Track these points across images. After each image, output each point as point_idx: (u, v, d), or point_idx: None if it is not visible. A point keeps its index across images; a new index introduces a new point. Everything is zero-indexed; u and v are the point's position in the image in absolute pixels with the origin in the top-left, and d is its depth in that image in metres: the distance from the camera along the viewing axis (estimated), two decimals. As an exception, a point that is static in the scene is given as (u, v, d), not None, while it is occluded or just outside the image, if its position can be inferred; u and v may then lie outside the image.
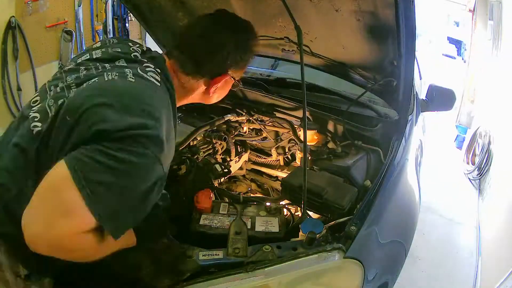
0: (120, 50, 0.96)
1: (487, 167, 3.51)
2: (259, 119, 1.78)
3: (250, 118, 1.76)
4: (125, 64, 0.91)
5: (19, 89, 2.88)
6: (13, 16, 2.76)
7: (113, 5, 3.72)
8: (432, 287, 2.34)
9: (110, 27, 3.69)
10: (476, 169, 3.71)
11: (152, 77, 0.87)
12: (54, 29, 3.15)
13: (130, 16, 3.82)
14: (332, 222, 1.08)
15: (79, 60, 0.96)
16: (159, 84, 0.87)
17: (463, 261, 2.62)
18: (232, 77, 1.03)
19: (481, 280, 2.34)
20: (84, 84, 0.85)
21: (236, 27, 1.01)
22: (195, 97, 1.06)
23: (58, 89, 0.89)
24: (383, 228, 1.10)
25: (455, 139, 4.79)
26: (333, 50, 1.58)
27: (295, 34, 1.12)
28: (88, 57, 0.96)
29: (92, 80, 0.85)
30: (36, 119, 0.83)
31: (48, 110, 0.83)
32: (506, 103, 3.41)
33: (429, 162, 2.71)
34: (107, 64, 0.91)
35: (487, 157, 3.53)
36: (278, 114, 1.72)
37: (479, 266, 2.51)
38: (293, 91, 1.83)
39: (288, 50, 1.76)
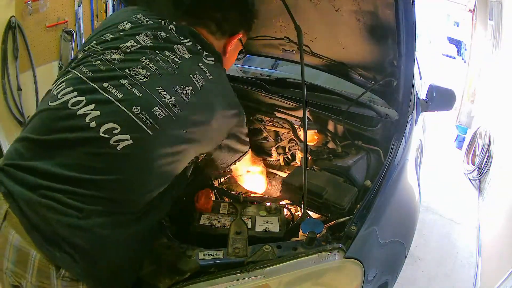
0: (164, 34, 0.98)
1: (487, 167, 3.51)
2: (259, 119, 1.78)
3: (250, 118, 1.76)
4: (190, 56, 0.97)
5: (19, 89, 2.87)
6: (13, 16, 2.76)
7: (113, 5, 3.71)
8: (432, 287, 2.34)
9: (110, 27, 3.69)
10: (476, 169, 3.71)
11: (211, 60, 1.00)
12: (54, 29, 3.14)
13: (130, 16, 3.82)
14: (332, 222, 1.08)
15: (126, 48, 0.92)
16: (219, 64, 1.04)
17: (463, 261, 2.62)
18: (241, 40, 1.17)
19: (481, 280, 2.35)
20: (179, 88, 0.89)
21: None
22: None
23: (128, 89, 0.85)
24: (383, 228, 1.10)
25: (455, 139, 4.80)
26: (333, 50, 1.58)
27: (295, 34, 1.12)
28: (139, 45, 0.93)
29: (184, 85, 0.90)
30: (116, 131, 0.81)
31: (135, 118, 0.82)
32: (506, 103, 3.41)
33: (429, 162, 2.71)
34: (175, 58, 0.93)
35: (487, 157, 3.53)
36: (278, 114, 1.71)
37: (479, 266, 2.51)
38: (293, 91, 1.83)
39: (288, 50, 1.75)
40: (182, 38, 0.99)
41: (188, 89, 0.90)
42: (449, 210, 3.23)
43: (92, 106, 0.83)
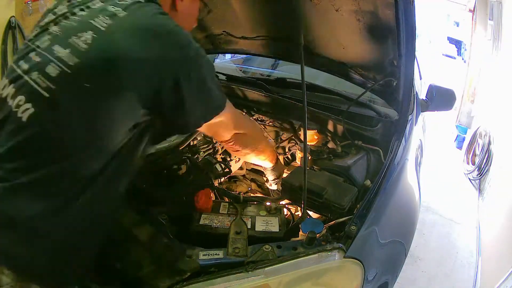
0: None
1: (487, 167, 3.51)
2: (259, 119, 1.78)
3: (250, 118, 1.76)
4: (101, 4, 0.84)
5: (19, 89, 2.88)
6: (13, 16, 2.76)
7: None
8: (432, 287, 2.34)
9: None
10: (476, 169, 3.71)
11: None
12: (54, 29, 3.15)
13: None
14: (332, 222, 1.08)
15: (43, 23, 0.88)
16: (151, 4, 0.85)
17: (463, 261, 2.62)
18: None
19: (481, 280, 2.35)
20: (79, 38, 0.77)
21: None
22: None
23: (33, 59, 0.80)
24: (383, 228, 1.10)
25: (455, 139, 4.80)
26: (333, 50, 1.58)
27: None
28: (53, 16, 0.87)
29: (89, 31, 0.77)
30: (21, 102, 0.77)
31: (33, 83, 0.76)
32: (506, 103, 3.42)
33: (429, 162, 2.71)
34: (83, 12, 0.83)
35: (487, 157, 3.54)
36: (278, 114, 1.72)
37: (479, 266, 2.51)
38: (293, 91, 1.83)
39: (289, 50, 1.75)
40: None
41: (86, 35, 0.76)
42: (449, 210, 3.23)
43: (11, 85, 0.81)
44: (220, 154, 1.67)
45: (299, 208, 1.34)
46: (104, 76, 0.76)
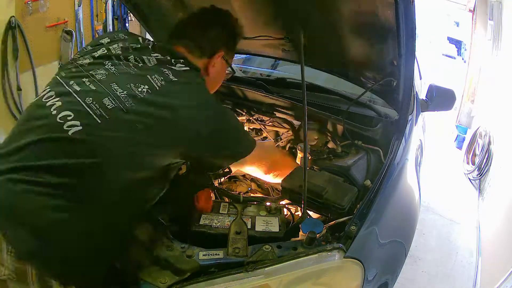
0: (136, 45, 1.03)
1: (487, 167, 3.52)
2: (259, 119, 1.78)
3: (250, 118, 1.76)
4: (156, 63, 0.99)
5: (19, 89, 2.88)
6: (13, 16, 2.76)
7: (113, 5, 3.72)
8: (432, 287, 2.34)
9: (110, 27, 3.70)
10: (476, 169, 3.71)
11: (181, 67, 1.00)
12: (54, 29, 3.15)
13: (130, 16, 3.82)
14: (332, 222, 1.08)
15: (96, 54, 1.01)
16: (193, 73, 1.02)
17: (463, 261, 2.62)
18: (225, 58, 1.17)
19: (481, 280, 2.35)
20: (135, 87, 0.91)
21: (219, 12, 1.20)
22: None
23: (87, 84, 0.92)
24: (383, 228, 1.10)
25: (455, 139, 4.80)
26: (333, 50, 1.58)
27: (295, 34, 1.12)
28: (107, 52, 1.00)
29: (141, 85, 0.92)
30: (69, 118, 0.87)
31: (86, 107, 0.88)
32: (506, 103, 3.42)
33: (429, 162, 2.71)
34: (138, 63, 0.98)
35: (487, 157, 3.54)
36: (278, 114, 1.71)
37: (479, 266, 2.51)
38: (293, 91, 1.83)
39: (288, 50, 1.76)
40: (154, 52, 1.02)
41: (143, 88, 0.91)
42: (449, 210, 3.24)
43: (58, 98, 0.92)
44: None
45: (299, 208, 1.34)
46: (156, 123, 0.89)
